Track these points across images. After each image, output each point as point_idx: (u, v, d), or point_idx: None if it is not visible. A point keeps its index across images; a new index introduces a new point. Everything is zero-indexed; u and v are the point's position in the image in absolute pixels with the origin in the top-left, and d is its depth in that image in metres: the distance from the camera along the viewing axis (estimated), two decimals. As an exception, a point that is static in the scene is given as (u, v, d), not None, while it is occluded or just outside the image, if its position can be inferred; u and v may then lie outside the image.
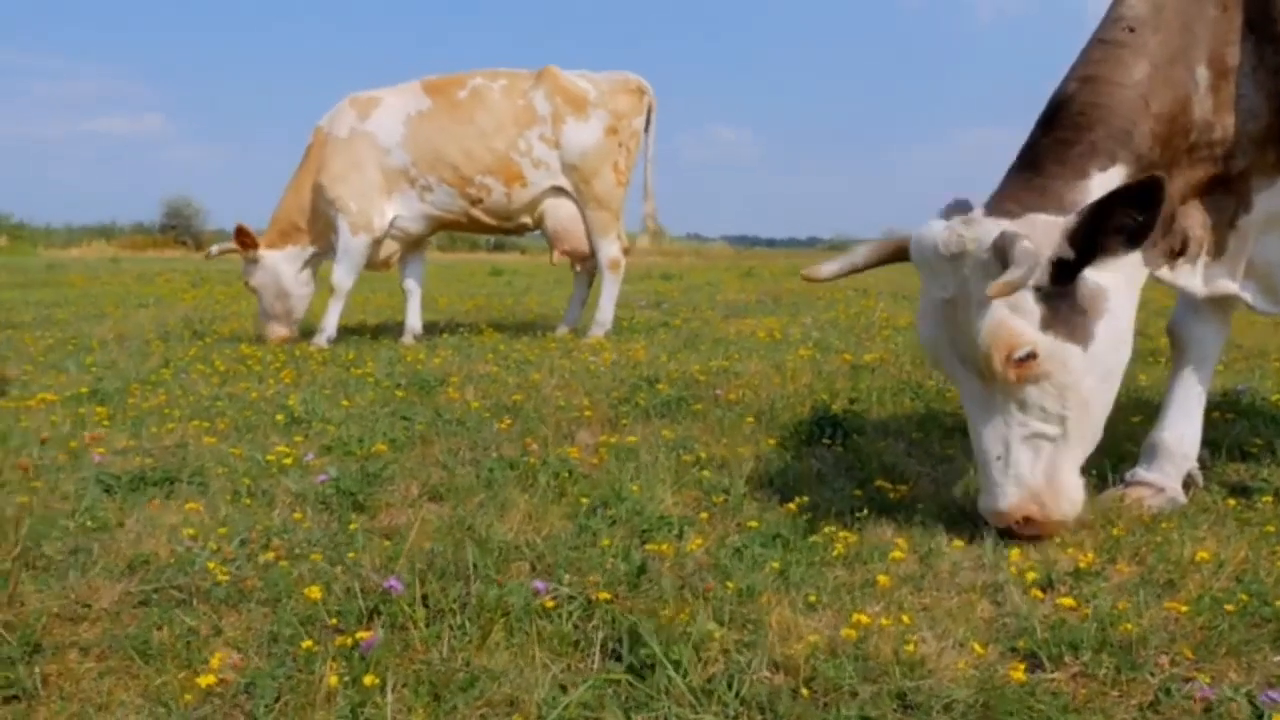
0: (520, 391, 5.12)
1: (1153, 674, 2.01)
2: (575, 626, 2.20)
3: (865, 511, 3.04)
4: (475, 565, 2.52)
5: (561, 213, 7.39)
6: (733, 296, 12.98)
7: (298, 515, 3.01)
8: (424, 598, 2.32)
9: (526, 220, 7.41)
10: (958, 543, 2.77)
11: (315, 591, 2.32)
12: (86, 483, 3.39)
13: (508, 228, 7.52)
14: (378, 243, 7.47)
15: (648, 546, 2.71)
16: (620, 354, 6.61)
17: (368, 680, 1.90)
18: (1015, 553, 2.69)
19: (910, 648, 2.05)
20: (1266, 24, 2.81)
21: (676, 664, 1.97)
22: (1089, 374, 2.71)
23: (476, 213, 7.33)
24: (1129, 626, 2.15)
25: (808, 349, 6.69)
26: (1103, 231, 2.60)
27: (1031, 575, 2.50)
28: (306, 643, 2.09)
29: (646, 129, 7.58)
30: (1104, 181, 2.73)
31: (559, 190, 7.38)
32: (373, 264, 7.57)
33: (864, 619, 2.19)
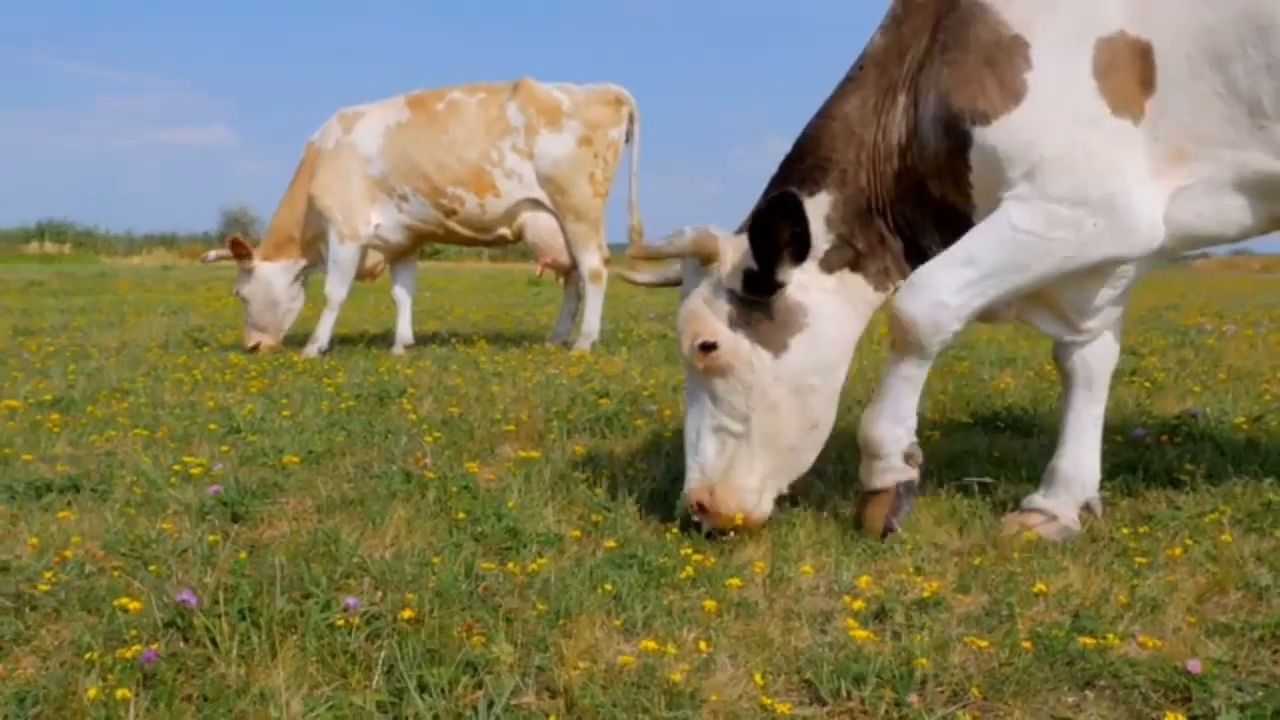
0: (462, 404, 5.13)
1: (930, 712, 1.94)
2: (362, 646, 2.19)
3: (736, 534, 2.99)
4: (304, 579, 2.53)
5: (540, 225, 7.40)
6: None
7: (166, 525, 3.04)
8: (244, 612, 2.33)
9: (505, 232, 7.43)
10: (806, 568, 2.71)
11: (130, 603, 2.34)
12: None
13: (486, 240, 7.54)
14: (365, 250, 7.56)
15: (484, 565, 2.69)
16: (594, 368, 6.59)
17: (119, 694, 1.92)
18: (864, 580, 2.63)
19: (676, 677, 2.01)
20: (941, 47, 2.83)
21: (430, 688, 1.95)
22: (778, 381, 2.91)
23: (452, 224, 7.37)
24: (923, 661, 2.08)
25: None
26: (774, 246, 2.83)
27: (859, 605, 2.43)
28: (90, 653, 2.11)
29: (628, 140, 7.56)
30: (811, 207, 2.90)
31: (537, 203, 7.40)
32: (358, 273, 7.66)
33: (651, 645, 2.15)
